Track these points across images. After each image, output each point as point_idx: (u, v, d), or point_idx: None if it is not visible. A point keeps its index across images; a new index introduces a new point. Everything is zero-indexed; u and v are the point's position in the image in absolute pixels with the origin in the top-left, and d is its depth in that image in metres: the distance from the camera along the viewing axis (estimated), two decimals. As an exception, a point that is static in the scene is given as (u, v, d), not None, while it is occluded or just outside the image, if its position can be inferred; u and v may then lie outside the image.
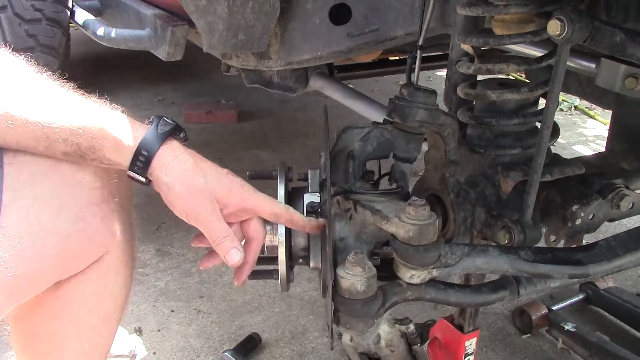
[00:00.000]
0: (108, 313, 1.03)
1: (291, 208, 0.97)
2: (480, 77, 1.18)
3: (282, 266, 1.00)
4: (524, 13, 1.02)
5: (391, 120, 1.06)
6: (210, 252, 0.98)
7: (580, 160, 1.19)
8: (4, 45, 0.88)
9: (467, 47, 1.12)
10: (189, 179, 0.89)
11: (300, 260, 1.03)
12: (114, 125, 0.86)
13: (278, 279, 1.02)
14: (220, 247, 0.92)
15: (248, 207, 0.95)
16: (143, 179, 0.89)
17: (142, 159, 0.86)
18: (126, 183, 0.96)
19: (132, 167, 0.87)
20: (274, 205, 0.96)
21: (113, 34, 1.70)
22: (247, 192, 0.94)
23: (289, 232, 1.00)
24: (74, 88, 0.89)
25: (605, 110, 3.51)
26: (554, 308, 1.87)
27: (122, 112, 0.90)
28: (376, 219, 0.93)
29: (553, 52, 1.01)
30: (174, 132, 0.91)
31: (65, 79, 0.90)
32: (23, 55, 0.88)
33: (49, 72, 0.88)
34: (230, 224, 0.93)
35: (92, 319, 1.01)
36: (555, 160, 1.14)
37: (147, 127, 0.89)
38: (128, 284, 1.04)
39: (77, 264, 0.93)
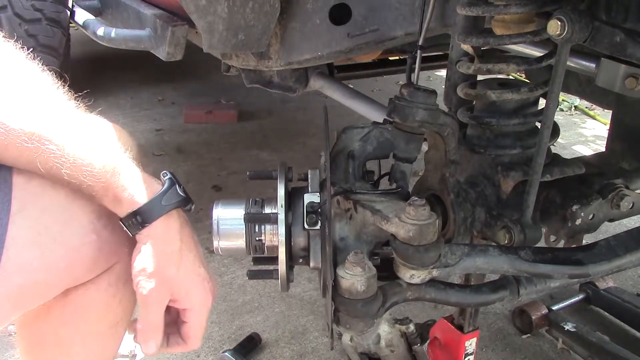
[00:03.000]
0: (116, 320, 1.01)
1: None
2: (480, 77, 1.18)
3: (282, 266, 1.00)
4: (524, 13, 1.02)
5: (391, 120, 1.06)
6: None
7: (580, 160, 1.19)
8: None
9: (467, 47, 1.12)
10: (162, 263, 0.88)
11: (300, 260, 1.03)
12: (119, 182, 0.85)
13: (278, 279, 1.02)
14: (142, 333, 0.91)
15: (186, 322, 0.94)
16: (130, 235, 0.88)
17: (135, 222, 0.86)
18: None
19: (124, 222, 0.87)
20: (195, 343, 0.96)
21: (113, 34, 1.70)
22: (198, 310, 0.94)
23: (289, 232, 1.00)
24: (78, 101, 0.87)
25: (605, 110, 3.51)
26: (554, 308, 1.87)
27: (131, 153, 0.89)
28: (376, 219, 0.93)
29: (553, 52, 1.01)
30: (179, 205, 0.90)
31: (64, 79, 0.89)
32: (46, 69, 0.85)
33: (55, 77, 0.86)
34: (168, 312, 0.93)
35: (100, 326, 1.00)
36: (555, 160, 1.14)
37: (153, 191, 0.87)
38: None
39: (86, 274, 0.92)
